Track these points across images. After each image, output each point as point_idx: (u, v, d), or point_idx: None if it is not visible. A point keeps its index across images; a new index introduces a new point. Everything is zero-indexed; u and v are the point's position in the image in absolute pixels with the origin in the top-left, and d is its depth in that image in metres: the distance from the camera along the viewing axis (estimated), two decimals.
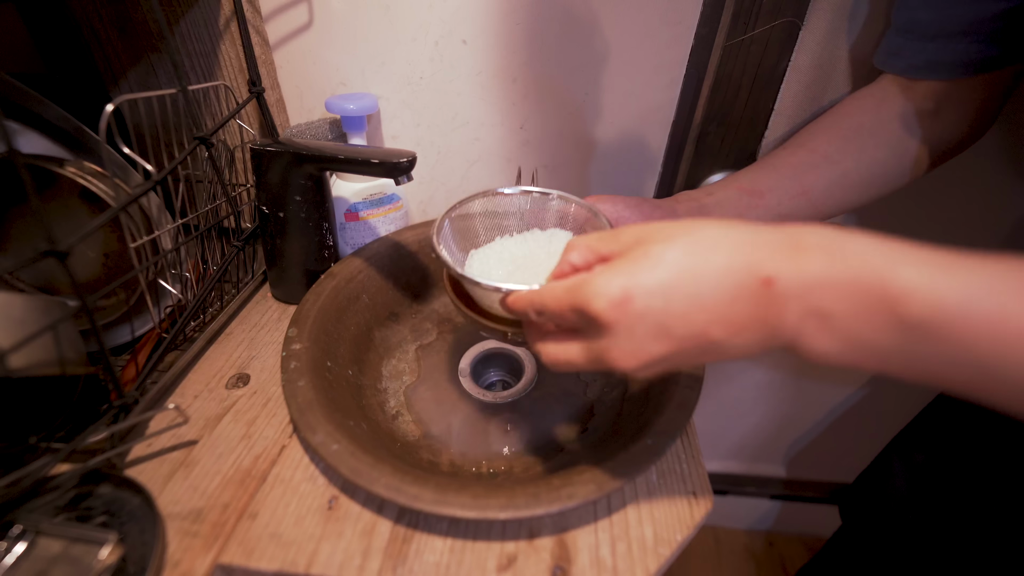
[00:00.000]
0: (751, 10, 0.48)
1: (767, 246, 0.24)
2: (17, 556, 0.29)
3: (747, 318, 0.24)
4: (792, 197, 0.44)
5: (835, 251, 0.22)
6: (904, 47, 0.42)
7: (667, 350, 0.25)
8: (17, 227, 0.46)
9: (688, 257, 0.25)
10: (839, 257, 0.22)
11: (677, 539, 0.34)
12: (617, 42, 0.52)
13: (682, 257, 0.25)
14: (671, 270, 0.24)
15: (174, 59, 0.38)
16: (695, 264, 0.24)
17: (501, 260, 0.39)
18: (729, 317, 0.24)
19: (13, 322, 0.31)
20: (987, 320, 0.19)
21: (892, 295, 0.21)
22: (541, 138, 0.59)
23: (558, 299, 0.27)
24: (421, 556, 0.33)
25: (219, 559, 0.32)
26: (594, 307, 0.25)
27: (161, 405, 0.41)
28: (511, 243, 0.41)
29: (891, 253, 0.21)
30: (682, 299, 0.24)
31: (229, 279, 0.53)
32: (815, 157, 0.44)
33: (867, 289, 0.21)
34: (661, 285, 0.24)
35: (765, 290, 0.23)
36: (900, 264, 0.21)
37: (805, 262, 0.23)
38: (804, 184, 0.43)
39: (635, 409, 0.42)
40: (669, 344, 0.25)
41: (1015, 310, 0.19)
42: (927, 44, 0.40)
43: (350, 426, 0.37)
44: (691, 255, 0.25)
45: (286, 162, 0.45)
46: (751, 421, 0.90)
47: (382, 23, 0.52)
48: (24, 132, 0.42)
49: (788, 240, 0.24)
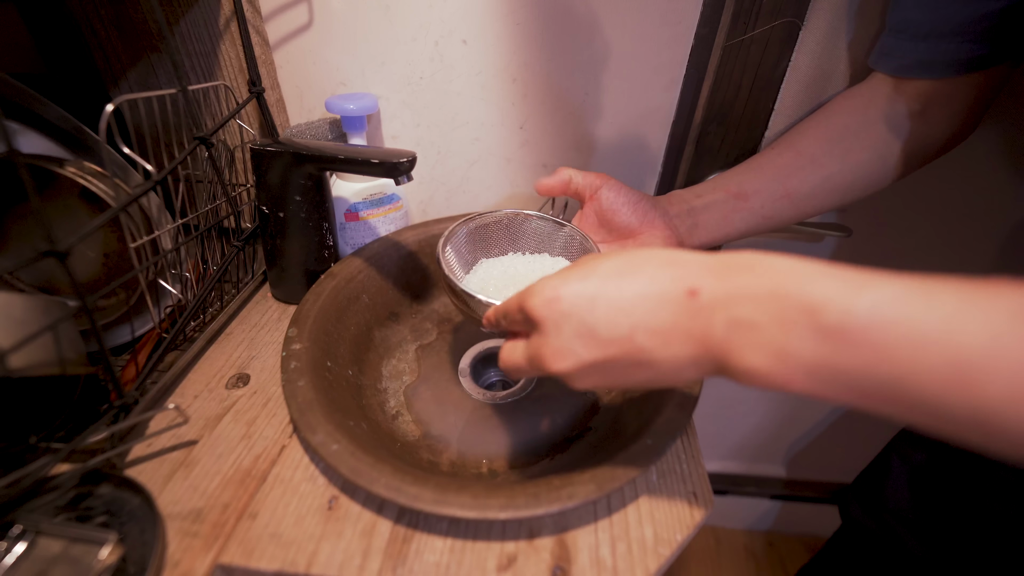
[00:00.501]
0: (751, 10, 0.48)
1: (694, 264, 0.25)
2: (17, 556, 0.29)
3: (672, 327, 0.25)
4: (775, 200, 0.45)
5: (758, 267, 0.24)
6: (895, 47, 0.42)
7: (593, 354, 0.26)
8: (17, 227, 0.46)
9: (617, 269, 0.27)
10: (760, 271, 0.23)
11: (677, 539, 0.34)
12: (617, 42, 0.52)
13: (611, 269, 0.27)
14: (600, 277, 0.27)
15: (174, 59, 0.38)
16: (622, 274, 0.26)
17: (504, 274, 0.43)
18: (654, 324, 0.25)
19: (13, 322, 0.31)
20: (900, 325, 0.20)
21: (810, 304, 0.21)
22: (541, 138, 0.59)
23: (509, 301, 0.32)
24: (421, 556, 0.33)
25: (219, 559, 0.32)
26: (528, 304, 0.28)
27: (161, 405, 0.41)
28: (519, 261, 0.45)
29: (810, 269, 0.23)
30: (607, 303, 0.26)
31: (229, 279, 0.53)
32: (801, 159, 0.45)
33: (786, 298, 0.22)
34: (588, 289, 0.27)
35: (690, 300, 0.24)
36: (819, 277, 0.22)
37: (729, 276, 0.24)
38: (788, 187, 0.45)
39: (635, 409, 0.42)
40: (596, 348, 0.26)
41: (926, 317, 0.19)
42: (918, 44, 0.40)
43: (350, 426, 0.37)
44: (620, 268, 0.27)
45: (286, 162, 0.45)
46: (751, 421, 0.90)
47: (382, 23, 0.52)
48: (24, 132, 0.42)
49: (715, 260, 0.25)
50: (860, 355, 0.21)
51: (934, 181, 0.60)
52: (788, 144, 0.46)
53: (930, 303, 0.20)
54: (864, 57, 0.50)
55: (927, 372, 0.19)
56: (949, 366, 0.19)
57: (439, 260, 0.40)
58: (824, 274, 0.22)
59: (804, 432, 0.91)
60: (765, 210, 0.46)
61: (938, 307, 0.20)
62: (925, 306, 0.20)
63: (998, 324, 0.19)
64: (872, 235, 0.64)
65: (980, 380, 0.19)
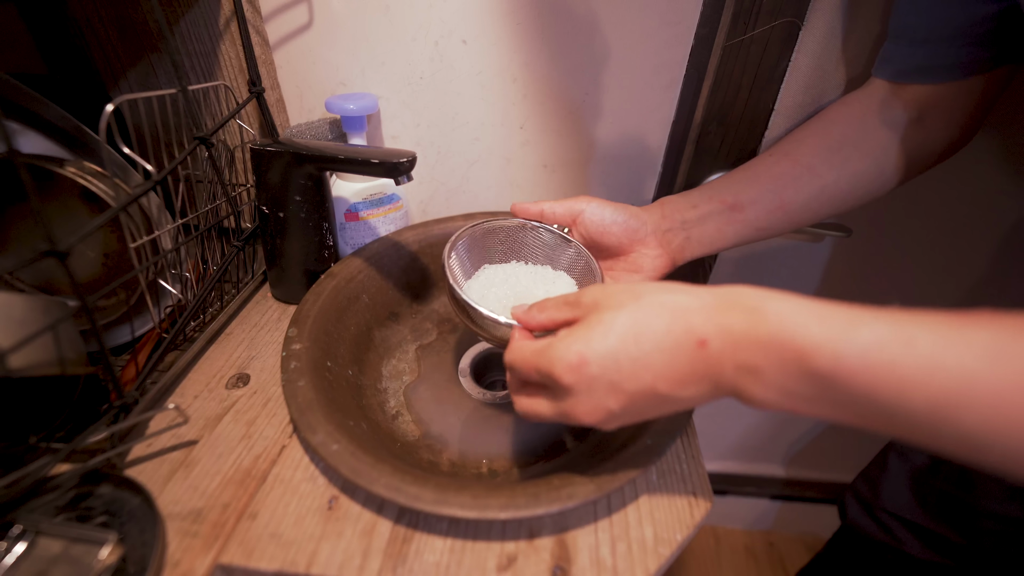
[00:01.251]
0: (751, 10, 0.48)
1: (702, 310, 0.28)
2: (17, 556, 0.29)
3: (689, 373, 0.27)
4: (770, 212, 0.45)
5: (757, 312, 0.26)
6: (895, 53, 0.42)
7: (622, 404, 0.29)
8: (17, 227, 0.46)
9: (634, 324, 0.29)
10: (759, 317, 0.26)
11: (677, 539, 0.34)
12: (617, 42, 0.52)
13: (629, 324, 0.29)
14: (619, 335, 0.28)
15: (174, 59, 0.38)
16: (640, 330, 0.28)
17: (506, 281, 0.43)
18: (671, 374, 0.28)
19: (13, 322, 0.31)
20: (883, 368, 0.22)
21: (802, 351, 0.24)
22: (541, 138, 0.59)
23: (526, 360, 0.32)
24: (421, 556, 0.33)
25: (219, 559, 0.32)
26: (556, 371, 0.29)
27: (161, 405, 0.41)
28: (522, 270, 0.45)
29: (803, 311, 0.25)
30: (629, 361, 0.28)
31: (229, 279, 0.53)
32: (798, 169, 0.45)
33: (782, 346, 0.25)
34: (611, 350, 0.28)
35: (701, 351, 0.27)
36: (810, 321, 0.24)
37: (731, 323, 0.26)
38: (783, 198, 0.45)
39: None
40: (623, 399, 0.29)
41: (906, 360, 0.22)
42: (917, 49, 0.40)
43: (350, 426, 0.37)
44: (636, 323, 0.29)
45: (286, 162, 0.45)
46: (751, 421, 0.90)
47: (382, 23, 0.52)
48: (24, 132, 0.42)
49: (720, 303, 0.28)
50: (850, 394, 0.23)
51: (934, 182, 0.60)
52: (784, 153, 0.46)
53: (910, 345, 0.22)
54: (864, 57, 0.50)
55: (910, 409, 0.22)
56: (929, 403, 0.21)
57: (445, 268, 0.40)
58: (816, 316, 0.24)
59: (804, 432, 0.91)
60: (760, 221, 0.45)
61: (918, 349, 0.22)
62: (905, 349, 0.22)
63: (972, 361, 0.21)
64: (872, 235, 0.64)
65: (958, 414, 0.21)
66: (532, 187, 0.63)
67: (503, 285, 0.43)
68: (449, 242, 0.42)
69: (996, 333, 0.21)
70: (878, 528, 0.56)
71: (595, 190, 0.62)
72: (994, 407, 0.20)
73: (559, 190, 0.63)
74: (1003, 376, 0.20)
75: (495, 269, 0.45)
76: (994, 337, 0.21)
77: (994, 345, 0.21)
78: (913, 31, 0.40)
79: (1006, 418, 0.20)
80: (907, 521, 0.53)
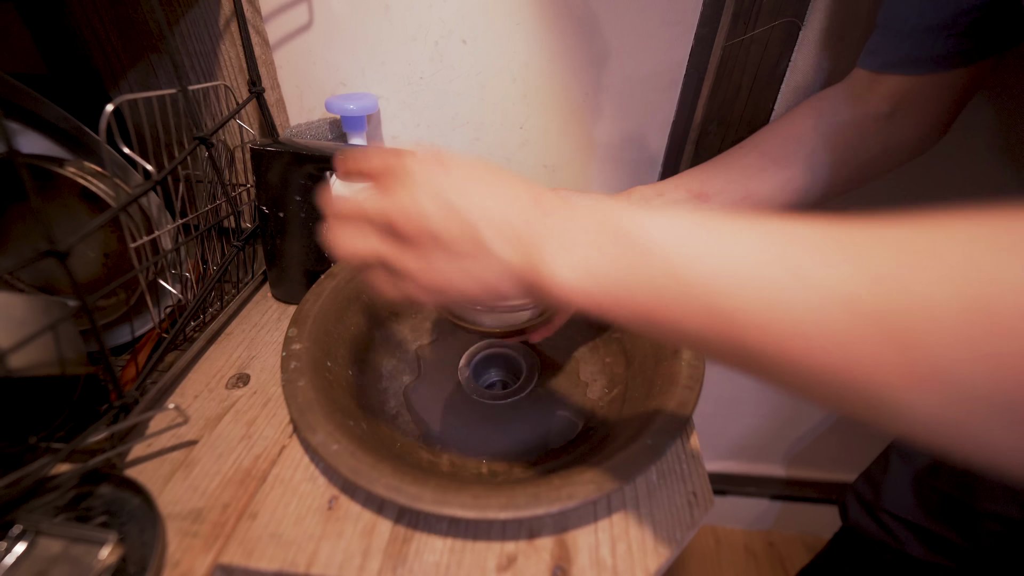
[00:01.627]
0: (751, 10, 0.48)
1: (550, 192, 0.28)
2: (17, 556, 0.29)
3: (509, 221, 0.26)
4: (735, 202, 0.46)
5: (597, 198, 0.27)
6: (882, 44, 0.42)
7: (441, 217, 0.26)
8: (17, 227, 0.46)
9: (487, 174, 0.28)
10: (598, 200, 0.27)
11: (677, 539, 0.34)
12: (617, 42, 0.52)
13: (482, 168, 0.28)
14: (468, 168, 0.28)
15: (174, 59, 0.38)
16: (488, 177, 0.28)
17: None
18: (496, 211, 0.26)
19: (13, 322, 0.31)
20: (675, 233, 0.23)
21: (619, 223, 0.24)
22: (541, 138, 0.59)
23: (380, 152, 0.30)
24: (421, 556, 0.33)
25: (219, 559, 0.32)
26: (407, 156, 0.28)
27: (161, 405, 0.41)
28: None
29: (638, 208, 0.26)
30: (472, 185, 0.27)
31: (229, 279, 0.53)
32: (765, 160, 0.45)
33: (606, 219, 0.25)
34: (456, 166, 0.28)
35: (533, 207, 0.26)
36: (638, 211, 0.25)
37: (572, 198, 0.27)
38: (749, 189, 0.45)
39: (635, 409, 0.42)
40: (445, 212, 0.26)
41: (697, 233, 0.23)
42: (904, 40, 0.40)
43: (350, 426, 0.37)
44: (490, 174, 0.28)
45: (286, 162, 0.45)
46: (751, 421, 0.90)
47: (382, 23, 0.52)
48: (24, 132, 0.42)
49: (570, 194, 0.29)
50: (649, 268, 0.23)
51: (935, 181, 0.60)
52: (755, 144, 0.47)
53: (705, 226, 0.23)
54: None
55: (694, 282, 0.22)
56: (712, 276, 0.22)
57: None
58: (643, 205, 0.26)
59: (804, 432, 0.91)
60: (725, 211, 0.46)
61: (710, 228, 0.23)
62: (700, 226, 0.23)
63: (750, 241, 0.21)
64: None
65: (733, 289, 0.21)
66: None
67: None
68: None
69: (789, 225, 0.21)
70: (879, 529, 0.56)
71: (595, 190, 0.62)
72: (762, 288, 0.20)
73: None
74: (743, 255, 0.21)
75: None
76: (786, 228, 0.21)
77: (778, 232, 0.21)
78: (902, 21, 0.40)
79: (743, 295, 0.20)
80: (908, 522, 0.53)
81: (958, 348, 0.16)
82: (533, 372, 0.48)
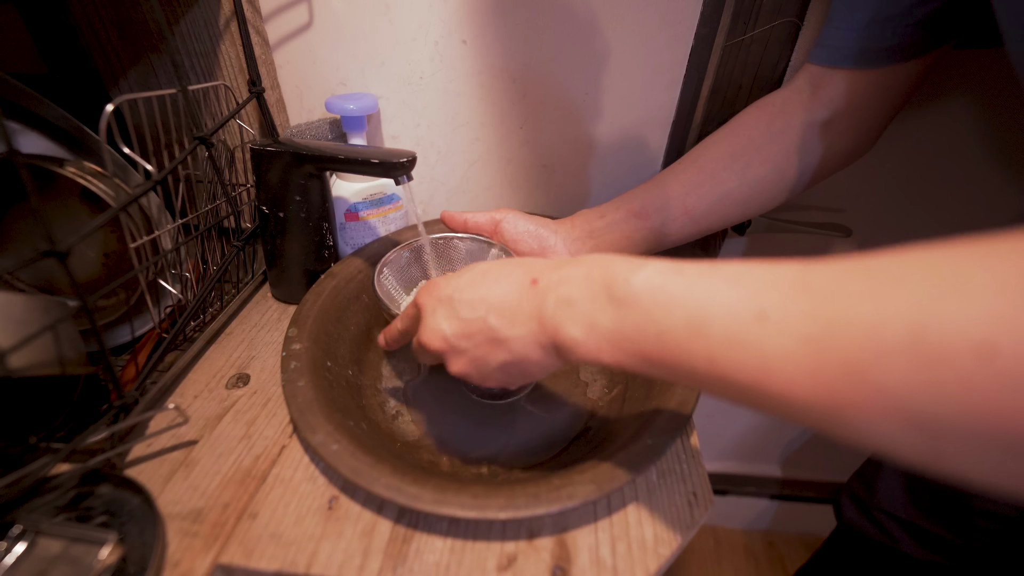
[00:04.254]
0: (751, 10, 0.48)
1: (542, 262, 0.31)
2: (17, 556, 0.29)
3: (517, 307, 0.30)
4: (675, 218, 0.47)
5: (587, 260, 0.29)
6: (835, 37, 0.41)
7: (457, 331, 0.32)
8: (17, 227, 0.46)
9: (485, 268, 0.33)
10: (585, 261, 0.29)
11: (677, 539, 0.34)
12: (617, 42, 0.52)
13: (481, 268, 0.33)
14: (470, 273, 0.33)
15: (174, 59, 0.38)
16: (487, 272, 0.33)
17: None
18: (502, 306, 0.30)
19: (13, 322, 0.31)
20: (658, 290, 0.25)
21: (608, 280, 0.27)
22: (541, 138, 0.59)
23: (409, 304, 0.38)
24: (421, 556, 0.33)
25: (219, 559, 0.32)
26: (419, 297, 0.35)
27: (161, 405, 0.41)
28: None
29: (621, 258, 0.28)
30: (471, 291, 0.32)
31: (229, 279, 0.53)
32: (702, 176, 0.46)
33: (595, 279, 0.27)
34: (458, 282, 0.33)
35: (532, 288, 0.30)
36: (621, 262, 0.27)
37: (563, 268, 0.30)
38: (687, 205, 0.46)
39: (635, 409, 0.42)
40: (457, 326, 0.32)
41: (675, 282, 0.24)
42: (861, 32, 0.39)
43: (350, 426, 0.37)
44: (488, 268, 0.33)
45: (286, 162, 0.45)
46: (750, 421, 0.90)
47: (382, 23, 0.52)
48: (24, 132, 0.42)
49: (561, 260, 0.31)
50: (636, 317, 0.25)
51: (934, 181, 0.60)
52: (692, 160, 0.47)
53: (679, 272, 0.25)
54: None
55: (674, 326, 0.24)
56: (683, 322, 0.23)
57: (374, 287, 0.44)
58: (625, 260, 0.28)
59: (803, 432, 0.91)
60: (665, 227, 0.47)
61: (685, 274, 0.24)
62: (676, 275, 0.25)
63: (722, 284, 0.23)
64: (872, 235, 0.64)
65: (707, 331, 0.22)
66: (532, 187, 0.63)
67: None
68: (378, 264, 0.45)
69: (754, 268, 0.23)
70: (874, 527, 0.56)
71: (595, 190, 0.62)
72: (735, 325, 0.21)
73: (559, 190, 0.63)
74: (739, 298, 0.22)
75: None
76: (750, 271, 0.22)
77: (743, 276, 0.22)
78: (860, 12, 0.39)
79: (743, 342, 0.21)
80: (902, 520, 0.53)
81: (907, 378, 0.17)
82: None
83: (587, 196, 0.63)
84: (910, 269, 0.18)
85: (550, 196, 0.63)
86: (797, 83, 0.44)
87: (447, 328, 0.32)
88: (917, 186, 0.61)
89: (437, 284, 0.34)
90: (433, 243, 0.49)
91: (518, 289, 0.30)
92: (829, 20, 0.41)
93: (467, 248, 0.49)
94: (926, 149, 0.58)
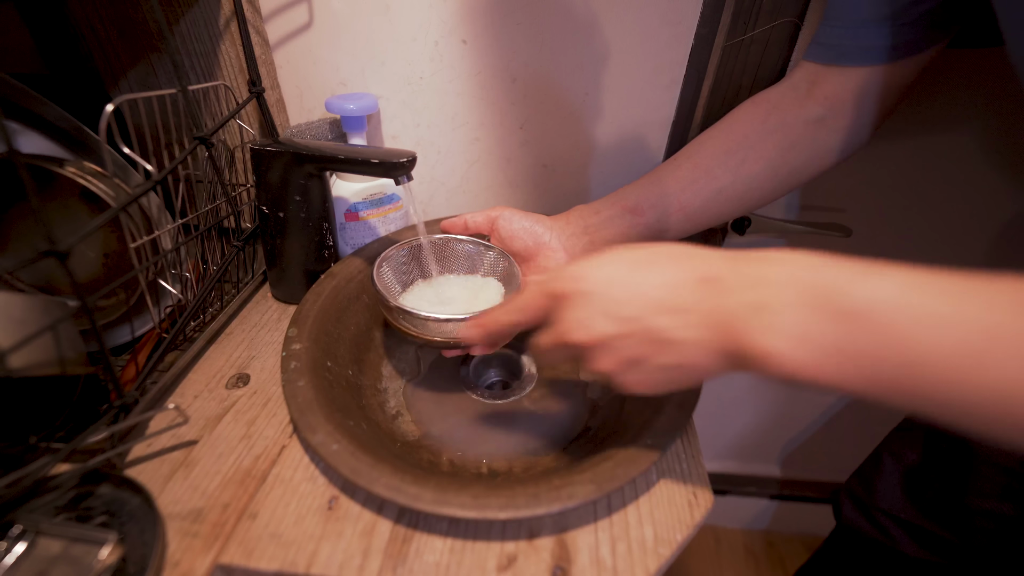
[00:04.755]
0: (751, 10, 0.48)
1: (708, 255, 0.27)
2: (17, 556, 0.29)
3: (692, 307, 0.26)
4: (669, 214, 0.46)
5: (772, 258, 0.25)
6: (831, 34, 0.41)
7: (613, 330, 0.28)
8: (17, 227, 0.46)
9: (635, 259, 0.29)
10: (775, 261, 0.25)
11: (677, 539, 0.34)
12: (617, 42, 0.52)
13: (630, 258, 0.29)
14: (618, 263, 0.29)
15: (174, 59, 0.38)
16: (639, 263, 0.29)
17: (436, 294, 0.47)
18: (671, 306, 0.27)
19: (13, 322, 0.31)
20: (914, 309, 0.21)
21: (829, 289, 0.23)
22: (541, 138, 0.59)
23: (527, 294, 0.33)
24: (421, 556, 0.33)
25: (219, 559, 0.32)
26: (553, 286, 0.30)
27: (161, 405, 0.41)
28: (451, 281, 0.48)
29: (822, 259, 0.24)
30: (625, 285, 0.28)
31: (229, 279, 0.53)
32: (697, 172, 0.46)
33: (805, 283, 0.23)
34: (609, 273, 0.29)
35: (706, 285, 0.26)
36: (832, 266, 0.23)
37: (747, 264, 0.26)
38: (681, 201, 0.46)
39: (635, 409, 0.42)
40: (614, 325, 0.28)
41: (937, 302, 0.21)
42: (858, 30, 0.39)
43: (350, 426, 0.37)
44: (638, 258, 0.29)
45: (286, 162, 0.45)
46: (750, 421, 0.90)
47: (382, 23, 0.52)
48: (24, 132, 0.42)
49: (728, 252, 0.27)
50: (876, 337, 0.21)
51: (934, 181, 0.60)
52: (687, 156, 0.47)
53: (939, 290, 0.21)
54: None
55: (937, 354, 0.20)
56: (957, 348, 0.20)
57: (373, 280, 0.42)
58: (837, 264, 0.23)
59: (803, 431, 0.92)
60: (660, 224, 0.46)
61: (946, 294, 0.21)
62: (935, 292, 0.21)
63: (1000, 311, 0.20)
64: (872, 235, 0.64)
65: (985, 363, 0.19)
66: (532, 187, 0.63)
67: (435, 297, 0.47)
68: (376, 261, 0.45)
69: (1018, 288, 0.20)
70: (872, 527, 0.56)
71: (595, 190, 0.62)
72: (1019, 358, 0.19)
73: (559, 190, 0.63)
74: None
75: (426, 285, 0.48)
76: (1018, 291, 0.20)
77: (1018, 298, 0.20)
78: (856, 10, 0.39)
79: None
80: (901, 520, 0.53)
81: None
82: (533, 372, 0.48)
83: (587, 196, 0.63)
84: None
85: (550, 196, 0.63)
86: (792, 80, 0.44)
87: (603, 325, 0.28)
88: (917, 186, 0.61)
89: (583, 273, 0.30)
90: (432, 243, 0.49)
91: (688, 287, 0.26)
92: (825, 18, 0.41)
93: (466, 250, 0.49)
94: (926, 149, 0.58)
